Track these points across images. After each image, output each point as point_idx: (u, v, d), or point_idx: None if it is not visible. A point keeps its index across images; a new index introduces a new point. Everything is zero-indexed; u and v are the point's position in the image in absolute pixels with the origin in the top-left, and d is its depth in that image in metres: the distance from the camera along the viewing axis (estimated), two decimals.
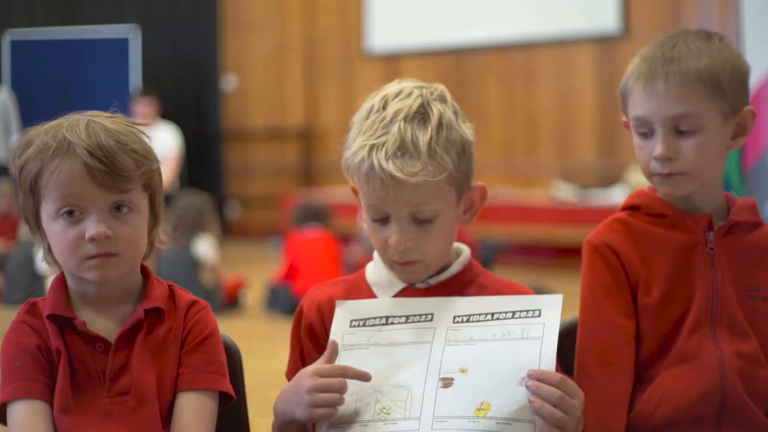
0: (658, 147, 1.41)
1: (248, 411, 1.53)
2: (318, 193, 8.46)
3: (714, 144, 1.42)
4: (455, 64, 8.96)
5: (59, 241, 1.30)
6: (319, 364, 1.35)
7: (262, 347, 4.42)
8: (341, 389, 1.32)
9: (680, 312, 1.44)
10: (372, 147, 1.38)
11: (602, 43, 8.17)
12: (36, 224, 1.33)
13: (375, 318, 1.42)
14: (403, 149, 1.37)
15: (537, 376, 1.28)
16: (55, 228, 1.30)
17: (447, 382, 1.33)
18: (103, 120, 1.32)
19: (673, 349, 1.43)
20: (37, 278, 5.82)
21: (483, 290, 1.46)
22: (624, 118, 1.49)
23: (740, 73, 1.44)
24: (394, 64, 9.23)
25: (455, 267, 1.49)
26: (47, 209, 1.30)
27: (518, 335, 1.35)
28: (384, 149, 1.37)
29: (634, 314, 1.45)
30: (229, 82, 10.22)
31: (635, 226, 1.48)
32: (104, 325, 1.34)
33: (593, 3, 8.31)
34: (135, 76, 9.34)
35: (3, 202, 6.91)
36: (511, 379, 1.30)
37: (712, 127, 1.41)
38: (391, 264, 1.46)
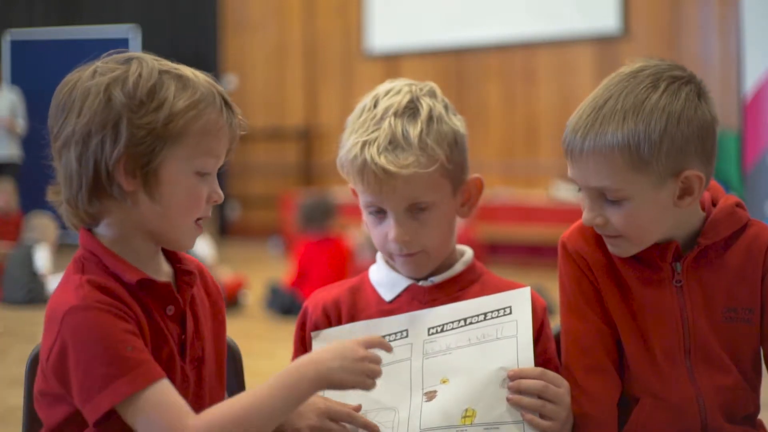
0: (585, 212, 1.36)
1: None
2: (318, 193, 8.46)
3: (645, 210, 1.31)
4: (455, 64, 8.96)
5: (189, 197, 1.22)
6: (332, 405, 1.33)
7: (262, 347, 4.41)
8: None
9: (644, 342, 1.36)
10: (364, 143, 1.39)
11: (602, 43, 8.18)
12: (143, 171, 1.19)
13: None
14: (395, 143, 1.38)
15: (516, 375, 1.28)
16: (188, 181, 1.22)
17: (431, 395, 1.32)
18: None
19: (646, 378, 1.36)
20: (37, 277, 5.83)
21: (485, 290, 1.46)
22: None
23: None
24: (394, 64, 9.24)
25: (458, 266, 1.50)
26: (184, 160, 1.21)
27: (493, 336, 1.34)
28: (376, 144, 1.38)
29: (613, 322, 1.39)
30: (229, 82, 10.22)
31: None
32: None
33: (593, 3, 8.31)
34: None
35: (2, 202, 6.90)
36: (493, 382, 1.30)
37: (642, 195, 1.30)
38: (393, 257, 1.46)
